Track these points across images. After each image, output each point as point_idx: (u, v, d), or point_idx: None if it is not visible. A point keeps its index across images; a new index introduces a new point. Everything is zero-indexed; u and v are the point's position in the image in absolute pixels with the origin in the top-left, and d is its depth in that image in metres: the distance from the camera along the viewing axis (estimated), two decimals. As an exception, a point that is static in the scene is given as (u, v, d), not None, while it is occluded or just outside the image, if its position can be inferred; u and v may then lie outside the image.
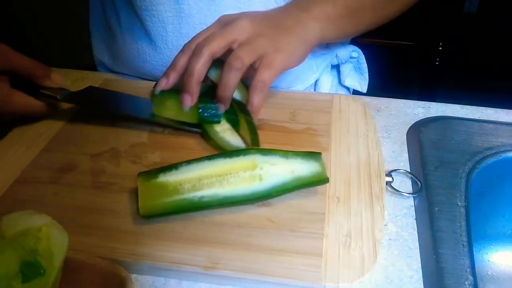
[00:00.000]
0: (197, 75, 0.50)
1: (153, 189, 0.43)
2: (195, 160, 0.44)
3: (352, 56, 0.71)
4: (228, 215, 0.43)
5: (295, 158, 0.45)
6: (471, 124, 0.56)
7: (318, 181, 0.44)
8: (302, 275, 0.38)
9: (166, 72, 0.53)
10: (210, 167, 0.44)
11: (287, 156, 0.45)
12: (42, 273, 0.34)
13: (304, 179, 0.44)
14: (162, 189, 0.43)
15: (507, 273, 0.59)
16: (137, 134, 0.54)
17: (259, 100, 0.51)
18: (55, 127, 0.55)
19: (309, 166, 0.45)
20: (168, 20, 0.61)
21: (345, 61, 0.72)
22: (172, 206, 0.42)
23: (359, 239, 0.41)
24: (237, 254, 0.40)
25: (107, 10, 0.68)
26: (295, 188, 0.44)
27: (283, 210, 0.43)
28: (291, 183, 0.44)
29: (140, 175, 0.43)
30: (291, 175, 0.44)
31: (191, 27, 0.60)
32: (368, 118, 0.55)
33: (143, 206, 0.41)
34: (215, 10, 0.59)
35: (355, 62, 0.74)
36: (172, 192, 0.42)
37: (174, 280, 0.40)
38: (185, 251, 0.40)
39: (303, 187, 0.45)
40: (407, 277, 0.40)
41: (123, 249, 0.40)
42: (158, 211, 0.42)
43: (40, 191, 0.46)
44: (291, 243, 0.40)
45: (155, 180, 0.43)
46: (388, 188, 0.47)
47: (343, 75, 0.73)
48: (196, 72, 0.50)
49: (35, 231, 0.35)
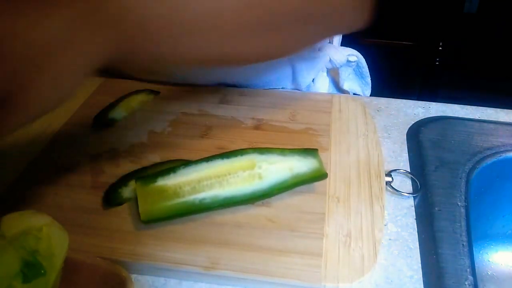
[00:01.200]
0: None
1: (152, 194, 0.42)
2: (193, 162, 0.44)
3: (349, 60, 0.71)
4: (228, 215, 0.43)
5: (293, 155, 0.45)
6: (471, 124, 0.56)
7: (317, 177, 0.45)
8: (302, 275, 0.38)
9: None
10: (209, 168, 0.44)
11: (284, 154, 0.45)
12: (43, 273, 0.34)
13: (303, 176, 0.44)
14: (162, 193, 0.42)
15: (507, 273, 0.59)
16: (137, 134, 0.54)
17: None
18: (55, 126, 0.55)
19: (307, 162, 0.45)
20: None
21: (341, 65, 0.71)
22: (173, 209, 0.42)
23: (359, 239, 0.41)
24: (237, 254, 0.40)
25: None
26: (295, 185, 0.44)
27: (283, 210, 0.43)
28: (291, 181, 0.44)
29: (138, 181, 0.43)
30: (290, 173, 0.44)
31: None
32: (368, 118, 0.55)
33: (143, 212, 0.41)
34: None
35: (355, 65, 0.73)
36: (172, 195, 0.42)
37: (174, 280, 0.40)
38: (185, 251, 0.40)
39: (303, 184, 0.45)
40: (407, 277, 0.40)
41: (124, 249, 0.40)
42: (160, 216, 0.42)
43: (40, 191, 0.46)
44: (291, 243, 0.40)
45: (154, 185, 0.43)
46: (388, 188, 0.47)
47: (341, 78, 0.72)
48: None
49: (35, 231, 0.35)
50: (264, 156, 0.45)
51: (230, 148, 0.51)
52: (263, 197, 0.44)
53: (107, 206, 0.44)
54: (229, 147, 0.51)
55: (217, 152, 0.50)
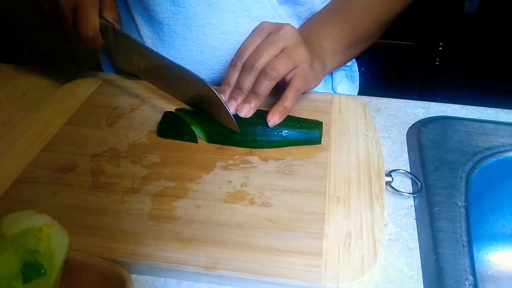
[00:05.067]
0: (246, 91, 0.51)
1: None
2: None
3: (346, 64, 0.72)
4: (228, 215, 0.43)
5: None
6: (471, 124, 0.56)
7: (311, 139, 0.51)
8: (302, 275, 0.38)
9: (222, 88, 0.53)
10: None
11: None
12: (43, 273, 0.34)
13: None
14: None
15: (507, 273, 0.59)
16: (137, 134, 0.54)
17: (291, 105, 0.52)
18: (55, 127, 0.55)
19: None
20: (164, 21, 0.61)
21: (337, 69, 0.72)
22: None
23: (359, 239, 0.41)
24: (237, 254, 0.40)
25: None
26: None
27: (282, 210, 0.43)
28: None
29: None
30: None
31: (186, 29, 0.60)
32: (368, 118, 0.55)
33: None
34: (211, 13, 0.59)
35: (348, 70, 0.74)
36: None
37: (174, 280, 0.40)
38: (185, 251, 0.40)
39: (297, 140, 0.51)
40: (407, 277, 0.40)
41: (124, 249, 0.40)
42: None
43: (40, 191, 0.46)
44: (291, 243, 0.40)
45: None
46: (388, 188, 0.47)
47: (335, 82, 0.73)
48: (245, 89, 0.51)
49: (35, 231, 0.35)
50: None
51: (229, 148, 0.51)
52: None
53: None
54: (229, 147, 0.51)
55: (217, 152, 0.51)
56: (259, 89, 0.50)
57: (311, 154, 0.50)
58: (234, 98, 0.51)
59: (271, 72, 0.49)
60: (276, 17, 0.61)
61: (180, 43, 0.61)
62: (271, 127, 0.51)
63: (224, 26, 0.60)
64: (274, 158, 0.50)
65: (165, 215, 0.43)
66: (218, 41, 0.61)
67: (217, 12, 0.59)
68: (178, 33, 0.61)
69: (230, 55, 0.60)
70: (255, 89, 0.50)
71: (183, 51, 0.62)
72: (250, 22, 0.59)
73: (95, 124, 0.56)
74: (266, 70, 0.49)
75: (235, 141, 0.52)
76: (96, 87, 0.63)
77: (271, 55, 0.50)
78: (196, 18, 0.60)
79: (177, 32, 0.61)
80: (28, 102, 0.64)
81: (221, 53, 0.61)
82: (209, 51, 0.61)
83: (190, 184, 0.47)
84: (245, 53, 0.52)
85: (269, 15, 0.60)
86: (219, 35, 0.60)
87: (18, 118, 0.60)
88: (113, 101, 0.60)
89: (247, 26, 0.59)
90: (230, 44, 0.60)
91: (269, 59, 0.50)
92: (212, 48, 0.61)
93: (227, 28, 0.60)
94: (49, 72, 0.70)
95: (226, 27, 0.60)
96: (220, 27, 0.60)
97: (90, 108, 0.58)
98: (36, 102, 0.63)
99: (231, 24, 0.60)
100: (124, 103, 0.59)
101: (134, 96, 0.61)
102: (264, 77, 0.50)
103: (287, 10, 0.62)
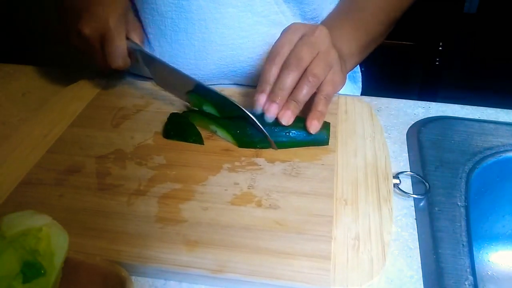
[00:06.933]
0: (288, 90, 0.50)
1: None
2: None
3: None
4: (235, 218, 0.43)
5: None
6: (471, 124, 0.56)
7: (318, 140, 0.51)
8: (311, 279, 0.38)
9: (261, 87, 0.51)
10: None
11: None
12: (43, 273, 0.34)
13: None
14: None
15: (507, 273, 0.59)
16: (142, 136, 0.53)
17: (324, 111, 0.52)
18: (60, 128, 0.55)
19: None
20: (167, 15, 0.60)
21: None
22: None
23: (367, 242, 0.41)
24: (244, 257, 0.39)
25: None
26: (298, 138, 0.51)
27: (290, 212, 0.43)
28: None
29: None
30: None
31: (189, 22, 0.60)
32: (374, 120, 0.55)
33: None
34: (214, 7, 0.59)
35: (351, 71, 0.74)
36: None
37: (173, 281, 0.40)
38: (192, 254, 0.40)
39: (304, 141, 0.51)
40: (407, 277, 0.40)
41: (130, 252, 0.40)
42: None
43: (46, 193, 0.46)
44: (299, 246, 0.40)
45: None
46: (396, 190, 0.47)
47: None
48: (287, 88, 0.50)
49: (35, 231, 0.35)
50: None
51: (235, 150, 0.51)
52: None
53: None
54: (234, 148, 0.51)
55: (223, 153, 0.50)
56: (299, 95, 0.50)
57: (318, 156, 0.50)
58: (274, 101, 0.50)
59: (313, 79, 0.49)
60: (279, 14, 0.60)
61: (182, 37, 0.61)
62: (278, 128, 0.51)
63: (227, 21, 0.59)
64: (280, 160, 0.49)
65: (172, 218, 0.43)
66: (221, 36, 0.60)
67: (220, 6, 0.59)
68: (181, 27, 0.61)
69: (232, 50, 0.59)
70: (295, 95, 0.50)
71: (185, 45, 0.61)
72: (253, 18, 0.59)
73: (101, 126, 0.55)
74: (307, 76, 0.49)
75: (241, 142, 0.51)
76: (101, 89, 0.62)
77: (310, 58, 0.50)
78: (199, 12, 0.59)
79: (180, 25, 0.61)
80: (28, 102, 0.64)
81: (223, 48, 0.61)
82: (211, 46, 0.61)
83: (196, 186, 0.46)
84: (283, 51, 0.51)
85: (273, 12, 0.60)
86: (221, 30, 0.60)
87: (18, 118, 0.60)
88: (118, 102, 0.60)
89: (250, 22, 0.59)
90: (233, 39, 0.60)
91: (310, 61, 0.50)
92: (215, 43, 0.61)
93: (229, 22, 0.59)
94: (49, 72, 0.70)
95: (228, 22, 0.59)
96: (223, 22, 0.59)
97: (95, 109, 0.58)
98: (36, 102, 0.62)
99: (233, 19, 0.59)
100: (129, 104, 0.59)
101: (139, 97, 0.61)
102: (306, 83, 0.50)
103: (291, 8, 0.62)
